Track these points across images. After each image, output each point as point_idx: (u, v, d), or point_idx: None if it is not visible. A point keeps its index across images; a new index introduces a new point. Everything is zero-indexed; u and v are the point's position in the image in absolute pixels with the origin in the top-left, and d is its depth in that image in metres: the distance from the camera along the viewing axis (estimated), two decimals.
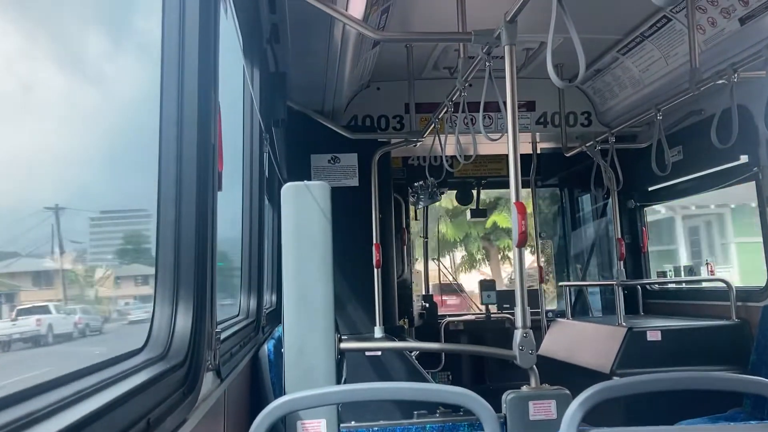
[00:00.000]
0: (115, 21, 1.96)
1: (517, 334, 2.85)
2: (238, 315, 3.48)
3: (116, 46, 1.88)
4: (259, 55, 3.82)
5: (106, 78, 1.80)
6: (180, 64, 1.87)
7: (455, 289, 9.99)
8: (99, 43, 1.77)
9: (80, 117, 1.63)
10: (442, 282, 9.59)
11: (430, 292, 8.60)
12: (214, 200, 1.99)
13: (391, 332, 5.43)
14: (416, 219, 8.98)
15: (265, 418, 1.86)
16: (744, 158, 5.02)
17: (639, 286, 6.41)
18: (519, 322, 2.87)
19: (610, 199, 6.08)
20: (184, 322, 1.76)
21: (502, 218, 19.03)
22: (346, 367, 4.58)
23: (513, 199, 2.91)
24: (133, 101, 2.05)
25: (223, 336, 2.31)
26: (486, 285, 7.72)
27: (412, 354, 5.04)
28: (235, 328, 2.95)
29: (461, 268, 21.06)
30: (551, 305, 8.48)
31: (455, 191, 8.37)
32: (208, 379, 1.91)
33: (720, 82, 4.04)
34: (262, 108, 3.91)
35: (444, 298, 9.73)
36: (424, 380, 4.75)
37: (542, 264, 7.54)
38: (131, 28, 2.11)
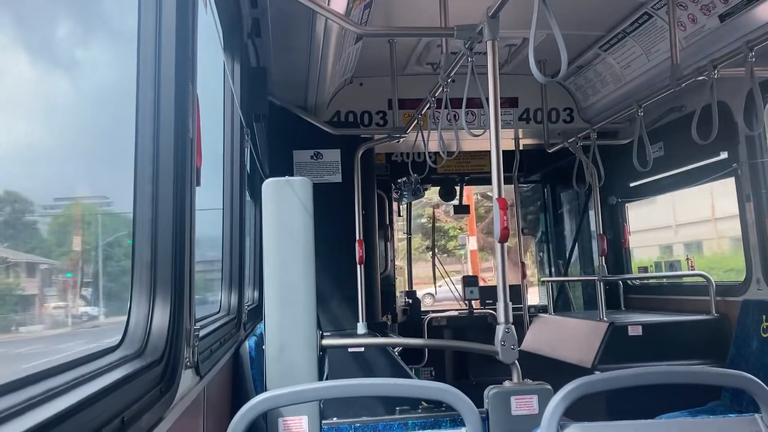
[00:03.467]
0: (88, 9, 1.92)
1: (499, 330, 2.85)
2: (218, 312, 3.45)
3: (89, 35, 1.84)
4: (240, 49, 3.79)
5: (78, 68, 1.76)
6: (156, 58, 1.84)
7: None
8: (71, 32, 1.73)
9: (50, 108, 1.60)
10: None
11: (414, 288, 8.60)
12: (192, 195, 1.96)
13: (375, 328, 5.43)
14: (400, 215, 8.97)
15: (244, 416, 1.84)
16: (724, 154, 5.07)
17: (620, 282, 6.45)
18: (501, 318, 2.87)
19: (592, 195, 6.11)
20: (161, 319, 1.73)
21: None
22: (328, 363, 4.56)
23: (495, 195, 2.91)
24: (107, 93, 2.01)
25: (202, 333, 2.28)
26: (468, 281, 7.74)
27: (395, 350, 5.04)
28: (216, 324, 2.92)
29: None
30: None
31: (438, 187, 8.38)
32: (186, 377, 1.88)
33: (700, 78, 4.07)
34: (243, 103, 3.87)
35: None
36: (407, 376, 4.75)
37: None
38: (106, 16, 2.08)
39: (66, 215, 1.91)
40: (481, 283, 7.84)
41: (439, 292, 9.55)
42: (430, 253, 9.38)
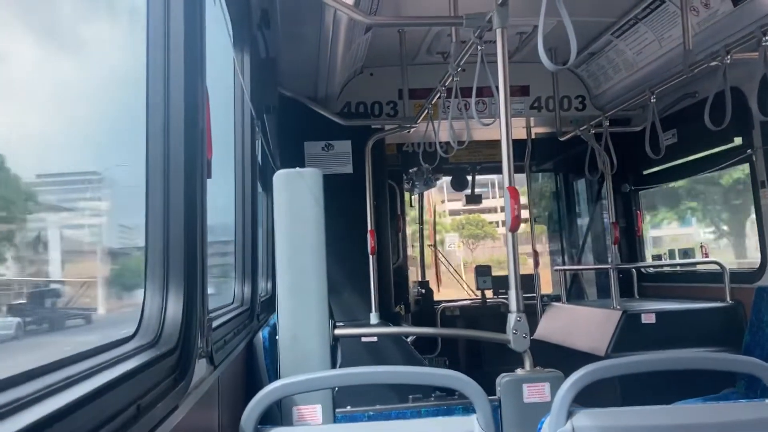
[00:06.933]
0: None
1: (511, 318, 2.85)
2: (232, 303, 3.48)
3: (98, 24, 1.85)
4: (249, 41, 3.80)
5: (87, 61, 1.77)
6: (165, 51, 1.85)
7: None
8: (80, 21, 1.75)
9: (56, 97, 1.62)
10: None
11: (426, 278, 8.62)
12: (203, 187, 1.98)
13: (388, 318, 5.45)
14: (411, 206, 8.97)
15: (258, 403, 1.87)
16: (738, 140, 5.02)
17: (634, 270, 6.43)
18: (513, 306, 2.87)
19: (605, 183, 6.08)
20: (174, 309, 1.75)
21: None
22: (341, 353, 4.59)
23: (506, 184, 2.91)
24: (116, 86, 2.03)
25: (216, 323, 2.31)
26: (481, 270, 7.73)
27: (408, 339, 5.06)
28: (229, 315, 2.95)
29: None
30: None
31: (450, 177, 8.37)
32: (200, 366, 1.91)
33: (713, 64, 4.03)
34: (253, 95, 3.88)
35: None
36: (420, 365, 4.77)
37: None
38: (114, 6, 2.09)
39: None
40: None
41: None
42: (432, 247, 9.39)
